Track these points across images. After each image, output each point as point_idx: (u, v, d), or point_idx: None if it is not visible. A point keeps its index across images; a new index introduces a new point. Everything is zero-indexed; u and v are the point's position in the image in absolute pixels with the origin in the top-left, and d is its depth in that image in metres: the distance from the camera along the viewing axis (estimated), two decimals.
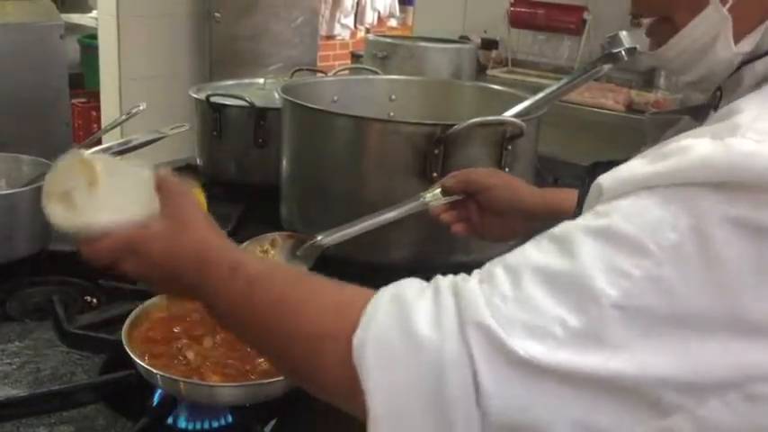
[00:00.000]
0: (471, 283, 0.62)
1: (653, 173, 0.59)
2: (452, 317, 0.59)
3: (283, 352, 0.71)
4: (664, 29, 0.75)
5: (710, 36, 0.71)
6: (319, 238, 1.09)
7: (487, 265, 0.64)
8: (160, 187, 0.80)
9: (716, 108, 0.75)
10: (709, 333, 0.55)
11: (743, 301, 0.55)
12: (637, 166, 0.61)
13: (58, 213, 0.78)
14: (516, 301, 0.58)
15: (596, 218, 0.60)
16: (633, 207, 0.58)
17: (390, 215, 1.13)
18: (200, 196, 0.90)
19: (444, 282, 0.64)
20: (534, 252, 0.62)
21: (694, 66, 0.74)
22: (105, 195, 0.77)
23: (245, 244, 1.11)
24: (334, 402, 0.68)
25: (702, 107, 0.80)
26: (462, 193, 1.15)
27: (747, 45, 0.70)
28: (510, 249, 0.64)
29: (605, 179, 0.63)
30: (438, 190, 1.16)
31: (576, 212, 0.79)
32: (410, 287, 0.66)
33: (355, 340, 0.62)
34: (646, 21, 0.78)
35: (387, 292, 0.66)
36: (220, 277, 0.74)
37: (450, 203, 1.16)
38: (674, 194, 0.57)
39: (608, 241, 0.58)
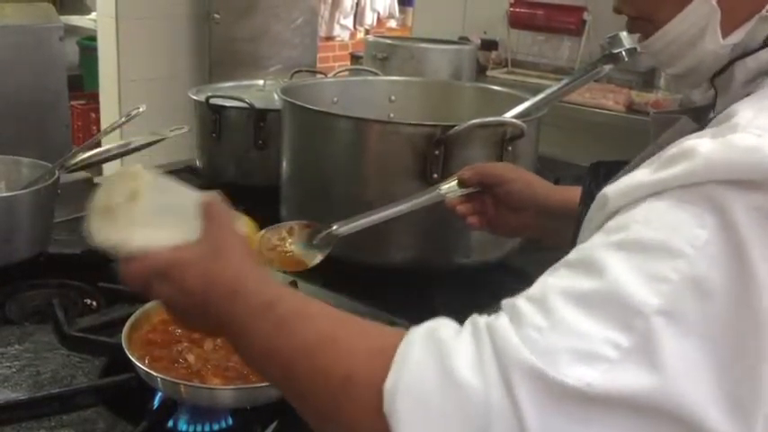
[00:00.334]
0: (502, 320, 0.58)
1: (659, 179, 0.58)
2: (492, 361, 0.55)
3: (308, 396, 0.66)
4: (640, 24, 0.75)
5: (699, 28, 0.70)
6: (335, 227, 1.09)
7: (507, 303, 0.61)
8: (206, 211, 0.76)
9: (713, 107, 0.75)
10: (749, 332, 0.54)
11: None
12: (641, 176, 0.60)
13: (98, 229, 0.76)
14: (553, 328, 0.55)
15: (612, 234, 0.59)
16: (650, 214, 0.57)
17: (406, 206, 1.13)
18: (250, 229, 0.87)
19: (481, 320, 0.60)
20: (554, 279, 0.59)
21: (682, 58, 0.74)
22: (145, 211, 0.75)
23: (261, 232, 1.11)
24: None
25: (702, 108, 0.80)
26: (478, 186, 1.15)
27: (735, 38, 0.70)
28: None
29: (610, 190, 0.62)
30: (454, 182, 1.15)
31: (579, 211, 0.78)
32: (444, 326, 0.61)
33: (387, 385, 0.58)
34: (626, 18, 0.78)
35: (419, 331, 0.61)
36: (251, 313, 0.70)
37: (466, 196, 1.15)
38: (686, 194, 0.56)
39: (635, 251, 0.56)
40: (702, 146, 0.57)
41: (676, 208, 0.56)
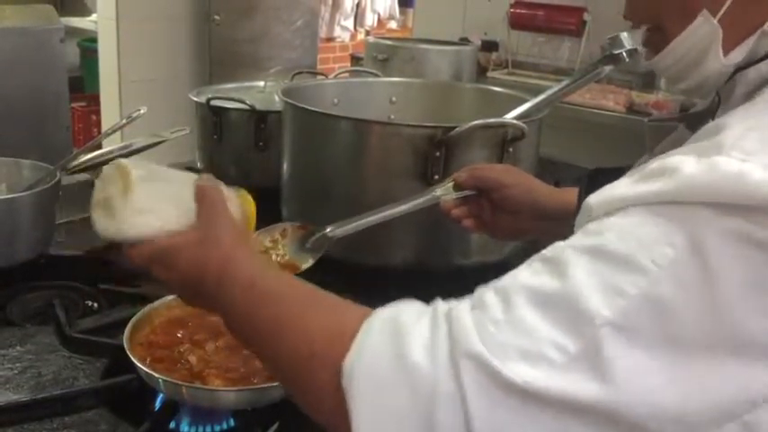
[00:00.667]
0: (463, 308, 0.61)
1: (640, 193, 0.58)
2: (445, 346, 0.58)
3: (280, 369, 0.72)
4: (656, 38, 0.75)
5: (702, 46, 0.71)
6: (329, 229, 1.08)
7: (479, 290, 0.63)
8: (200, 196, 0.80)
9: (713, 115, 0.75)
10: (707, 356, 0.54)
11: (741, 320, 0.54)
12: (623, 186, 0.61)
13: (99, 220, 0.80)
14: (509, 324, 0.57)
15: (587, 237, 0.60)
16: (625, 224, 0.58)
17: (401, 209, 1.11)
18: (247, 204, 0.91)
19: (443, 307, 0.63)
20: (525, 273, 0.61)
21: (688, 75, 0.74)
22: (139, 202, 0.79)
23: (254, 234, 1.11)
24: (325, 425, 0.67)
25: (701, 114, 0.80)
26: (475, 189, 1.13)
27: (738, 56, 0.70)
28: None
29: (593, 199, 0.62)
30: (450, 184, 1.13)
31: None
32: (407, 311, 0.64)
33: (345, 365, 0.61)
34: (641, 30, 0.78)
35: (382, 314, 0.65)
36: (236, 291, 0.74)
37: (462, 199, 1.13)
38: (664, 211, 0.56)
39: (601, 260, 0.57)
40: (686, 166, 0.56)
41: (650, 223, 0.56)
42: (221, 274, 0.75)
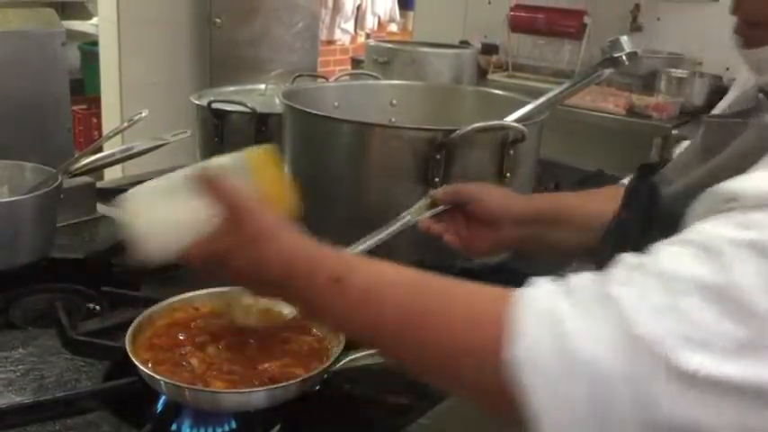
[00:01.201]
0: (619, 290, 0.60)
1: None
2: (612, 329, 0.58)
3: (417, 363, 0.69)
4: (756, 33, 0.76)
5: None
6: None
7: (625, 266, 0.63)
8: (216, 195, 0.80)
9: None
10: None
11: None
12: None
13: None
14: (675, 311, 0.57)
15: (742, 229, 0.60)
16: None
17: (378, 238, 1.11)
18: (265, 158, 0.91)
19: (585, 288, 0.62)
20: (681, 257, 0.61)
21: None
22: (158, 228, 0.82)
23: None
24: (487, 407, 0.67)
25: (755, 110, 0.80)
26: (451, 204, 1.15)
27: None
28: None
29: (743, 187, 0.62)
30: (425, 202, 1.16)
31: (623, 215, 0.79)
32: (550, 293, 0.63)
33: (507, 357, 0.60)
34: (736, 20, 0.78)
35: (526, 300, 0.63)
36: (323, 290, 0.73)
37: (438, 215, 1.15)
38: None
39: (763, 256, 0.57)
40: None
41: None
42: (289, 272, 0.75)
